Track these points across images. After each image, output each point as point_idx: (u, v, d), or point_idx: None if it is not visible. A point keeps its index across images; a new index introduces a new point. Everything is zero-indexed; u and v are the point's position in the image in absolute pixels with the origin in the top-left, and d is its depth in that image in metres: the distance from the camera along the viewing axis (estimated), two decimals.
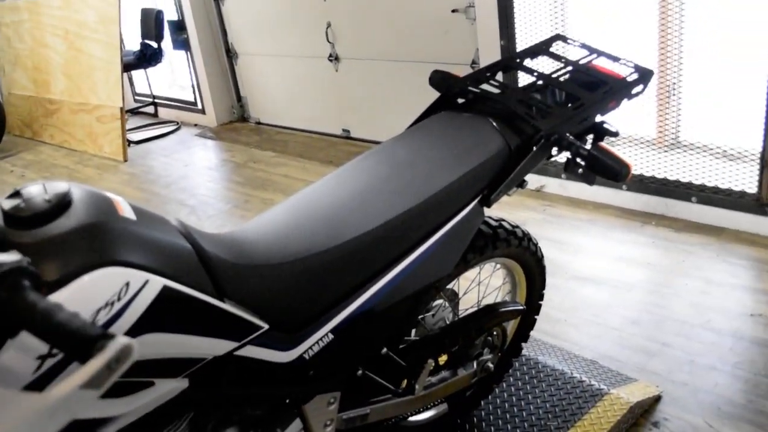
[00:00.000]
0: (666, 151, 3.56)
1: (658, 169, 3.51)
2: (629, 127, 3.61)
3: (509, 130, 1.64)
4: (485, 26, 3.90)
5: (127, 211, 1.14)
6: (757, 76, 3.02)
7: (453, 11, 4.19)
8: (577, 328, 2.71)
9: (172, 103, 6.92)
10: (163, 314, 1.12)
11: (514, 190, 1.69)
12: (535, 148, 1.60)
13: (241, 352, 1.27)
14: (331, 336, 1.41)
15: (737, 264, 3.00)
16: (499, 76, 1.87)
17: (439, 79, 1.87)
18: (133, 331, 1.08)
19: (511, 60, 1.89)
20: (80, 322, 0.86)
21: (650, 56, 3.46)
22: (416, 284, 1.51)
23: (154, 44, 6.18)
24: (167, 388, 1.17)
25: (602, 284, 2.98)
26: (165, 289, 1.10)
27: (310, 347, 1.38)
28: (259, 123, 6.32)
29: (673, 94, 3.47)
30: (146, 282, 1.07)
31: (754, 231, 3.22)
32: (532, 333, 2.22)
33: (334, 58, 5.22)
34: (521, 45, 3.80)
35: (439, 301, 1.94)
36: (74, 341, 0.85)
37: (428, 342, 1.73)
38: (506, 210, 3.79)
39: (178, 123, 6.74)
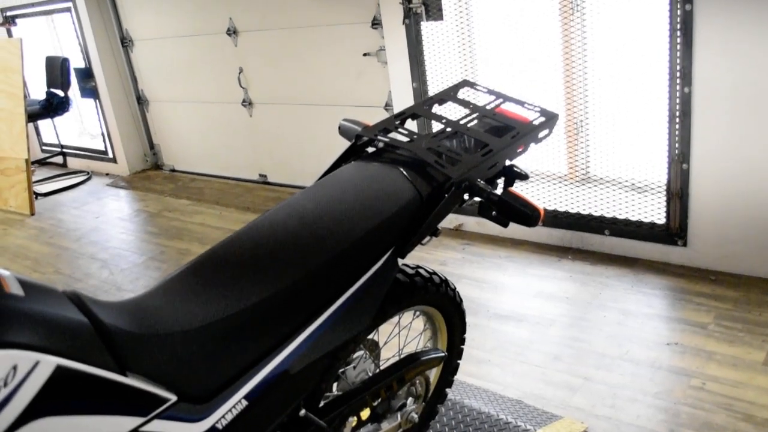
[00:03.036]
0: (578, 186, 3.64)
1: (571, 204, 3.59)
2: (542, 164, 3.69)
3: (420, 178, 1.62)
4: (396, 69, 3.94)
5: (13, 287, 1.07)
6: (659, 111, 3.13)
7: (364, 55, 4.22)
8: (501, 368, 2.71)
9: (82, 152, 6.71)
10: (59, 396, 1.04)
11: (428, 239, 1.68)
12: (446, 196, 1.60)
13: (148, 428, 1.19)
14: (244, 402, 1.34)
15: (651, 294, 3.08)
16: (409, 124, 1.87)
17: (348, 129, 1.85)
18: (24, 418, 1.00)
19: (419, 107, 1.88)
20: None
21: (557, 95, 3.55)
22: (332, 342, 1.46)
23: (61, 93, 5.99)
24: None
25: (523, 321, 3.00)
26: (58, 369, 1.03)
27: (223, 416, 1.31)
28: (173, 170, 6.19)
29: (582, 131, 3.57)
30: (37, 363, 1.00)
31: (664, 260, 3.32)
32: (457, 374, 2.20)
33: (247, 103, 5.18)
34: (432, 86, 3.85)
35: (359, 353, 1.90)
36: None
37: (349, 398, 1.68)
38: (426, 250, 3.80)
39: (88, 173, 6.53)
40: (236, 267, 1.41)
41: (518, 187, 1.82)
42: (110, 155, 6.37)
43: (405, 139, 1.74)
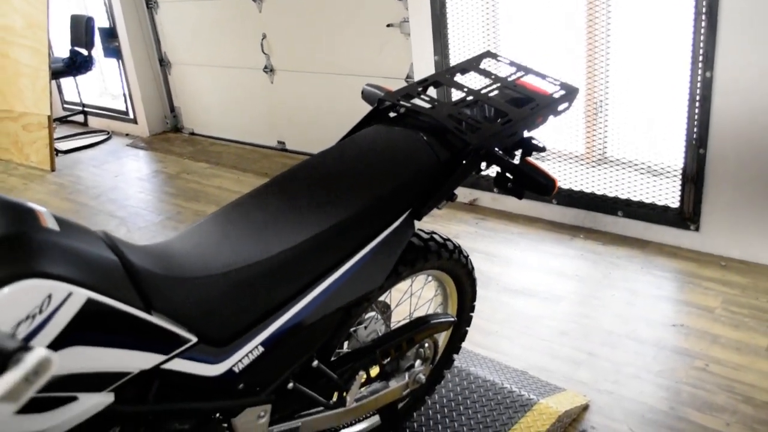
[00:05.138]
0: (594, 167, 3.66)
1: (586, 184, 3.61)
2: (559, 143, 3.71)
3: (439, 144, 1.66)
4: (419, 41, 3.95)
5: (50, 222, 1.12)
6: (680, 95, 3.14)
7: (388, 26, 4.24)
8: (509, 340, 2.76)
9: (103, 112, 6.77)
10: (87, 327, 1.09)
11: (444, 203, 1.71)
12: (464, 162, 1.63)
13: (169, 366, 1.25)
14: (261, 349, 1.40)
15: (661, 276, 3.11)
16: (431, 91, 1.90)
17: (371, 93, 1.89)
18: (56, 345, 1.06)
19: (442, 75, 1.92)
20: None
21: (578, 75, 3.56)
22: (347, 297, 1.51)
23: (84, 52, 6.04)
24: (91, 403, 1.14)
25: (533, 296, 3.05)
26: (89, 302, 1.08)
27: (240, 360, 1.37)
28: (192, 134, 6.24)
29: (601, 112, 3.58)
30: (69, 294, 1.05)
31: (676, 244, 3.34)
32: (464, 344, 2.25)
33: (269, 69, 5.21)
34: (454, 60, 3.86)
35: (371, 314, 1.95)
36: None
37: (360, 354, 1.73)
38: (439, 223, 3.84)
39: (108, 133, 6.59)
40: (260, 218, 1.46)
41: (535, 160, 1.85)
42: (131, 116, 6.43)
43: (427, 105, 1.78)
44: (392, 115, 1.84)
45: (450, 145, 1.66)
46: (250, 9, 5.09)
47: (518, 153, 1.88)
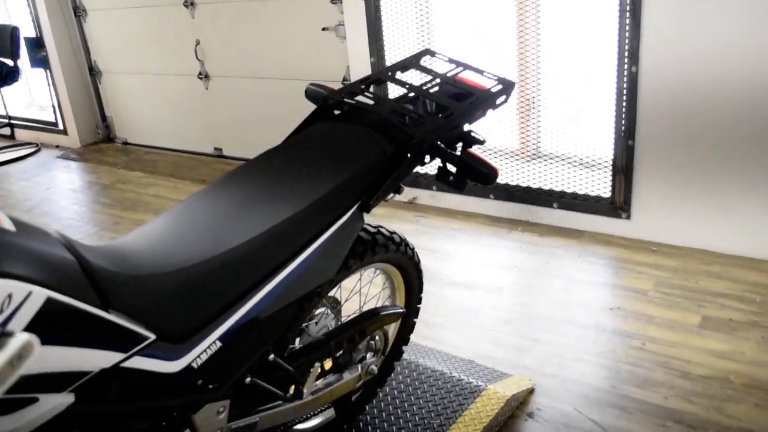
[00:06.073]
0: (528, 161, 3.78)
1: (522, 179, 3.72)
2: (495, 140, 3.81)
3: (384, 138, 1.71)
4: (355, 44, 4.01)
5: (6, 223, 1.12)
6: (608, 90, 3.28)
7: (323, 29, 4.27)
8: (454, 331, 2.82)
9: (31, 124, 6.59)
10: (47, 327, 1.10)
11: (391, 196, 1.77)
12: (409, 155, 1.69)
13: (128, 364, 1.26)
14: (218, 344, 1.42)
15: (596, 263, 3.24)
16: (374, 89, 1.95)
17: (314, 92, 1.92)
18: None
19: (383, 73, 1.97)
20: None
21: (511, 72, 3.67)
22: (301, 290, 1.55)
23: (10, 62, 5.86)
24: (52, 404, 1.15)
25: (475, 288, 3.13)
26: (49, 301, 1.09)
27: (198, 356, 1.39)
28: (126, 143, 6.14)
29: (534, 108, 3.70)
30: (29, 293, 1.06)
31: (609, 232, 3.48)
32: (412, 337, 2.30)
33: (203, 76, 5.17)
34: (390, 61, 3.93)
35: (321, 309, 1.98)
36: None
37: (314, 347, 1.76)
38: (381, 221, 3.86)
39: (37, 145, 6.42)
40: (213, 215, 1.48)
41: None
42: (60, 127, 6.28)
43: (370, 102, 1.82)
44: (337, 112, 1.88)
45: (395, 139, 1.72)
46: (182, 15, 5.05)
47: (459, 146, 1.95)
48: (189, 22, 5.04)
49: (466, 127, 1.87)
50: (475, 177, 1.67)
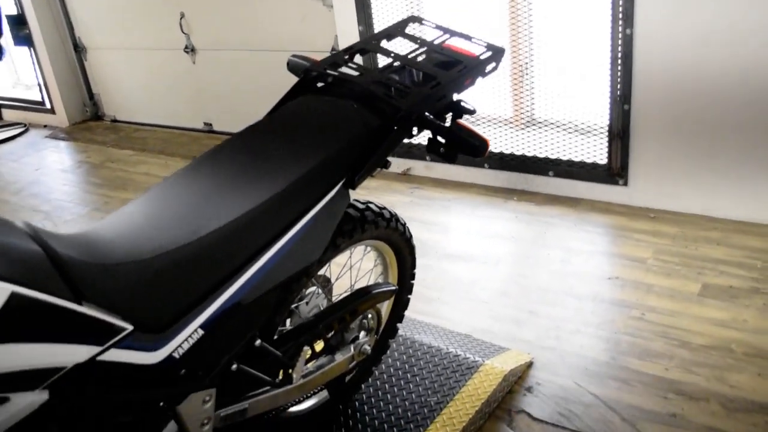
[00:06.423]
0: (522, 129, 3.70)
1: (517, 147, 3.65)
2: (487, 108, 3.73)
3: (370, 111, 1.64)
4: (342, 12, 3.90)
5: None
6: (602, 54, 3.19)
7: None
8: (450, 305, 2.77)
9: (17, 104, 6.48)
10: (13, 323, 1.04)
11: (378, 171, 1.70)
12: (396, 128, 1.61)
13: (105, 357, 1.20)
14: (200, 332, 1.36)
15: (593, 232, 3.18)
16: (358, 60, 1.87)
17: (296, 64, 1.85)
18: None
19: (368, 42, 1.89)
20: None
21: (502, 38, 3.58)
22: (285, 273, 1.48)
23: None
24: (24, 403, 1.09)
25: (471, 261, 3.07)
26: (13, 296, 1.03)
27: (180, 345, 1.33)
28: (114, 121, 6.04)
29: (526, 74, 3.61)
30: None
31: (606, 200, 3.42)
32: (406, 313, 2.25)
33: (190, 49, 5.06)
34: (379, 29, 3.82)
35: (312, 289, 1.93)
36: None
37: (303, 329, 1.71)
38: (374, 194, 3.82)
39: (25, 125, 6.32)
40: (189, 198, 1.41)
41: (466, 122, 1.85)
42: (48, 106, 6.17)
43: (354, 73, 1.75)
44: (320, 85, 1.80)
45: (380, 111, 1.64)
46: None
47: (449, 117, 1.87)
48: None
49: (456, 97, 1.80)
50: (464, 149, 1.60)
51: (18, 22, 5.86)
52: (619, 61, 3.12)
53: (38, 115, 6.30)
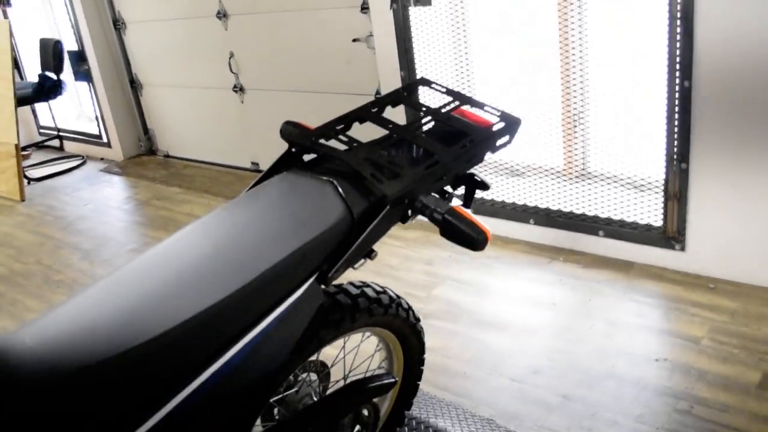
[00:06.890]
0: (573, 183, 3.43)
1: (566, 203, 3.38)
2: (537, 159, 3.48)
3: (354, 194, 1.44)
4: (384, 56, 3.74)
5: None
6: (658, 107, 2.91)
7: (354, 40, 4.02)
8: (476, 381, 2.53)
9: (78, 136, 6.58)
10: None
11: (362, 262, 1.49)
12: (380, 215, 1.41)
13: None
14: None
15: (644, 302, 2.88)
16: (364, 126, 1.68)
17: (288, 132, 1.67)
18: None
19: (366, 110, 1.69)
20: None
21: (554, 86, 3.35)
22: (239, 384, 1.29)
23: (54, 76, 5.85)
24: None
25: (505, 330, 2.82)
26: None
27: None
28: (167, 156, 6.04)
29: (579, 124, 3.36)
30: None
31: (661, 265, 3.11)
32: (427, 389, 2.04)
33: (238, 89, 5.00)
34: (422, 75, 3.64)
35: (303, 375, 1.74)
36: None
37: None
38: (412, 248, 3.62)
39: (83, 157, 6.40)
40: (135, 296, 1.23)
41: (481, 195, 1.64)
42: (105, 140, 6.23)
43: (344, 147, 1.56)
44: (307, 157, 1.62)
45: (367, 194, 1.44)
46: (215, 27, 4.88)
47: (461, 190, 1.67)
48: (222, 33, 4.86)
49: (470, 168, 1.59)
50: (458, 240, 1.38)
51: (78, 59, 5.95)
52: (676, 115, 2.84)
53: (96, 148, 6.38)
